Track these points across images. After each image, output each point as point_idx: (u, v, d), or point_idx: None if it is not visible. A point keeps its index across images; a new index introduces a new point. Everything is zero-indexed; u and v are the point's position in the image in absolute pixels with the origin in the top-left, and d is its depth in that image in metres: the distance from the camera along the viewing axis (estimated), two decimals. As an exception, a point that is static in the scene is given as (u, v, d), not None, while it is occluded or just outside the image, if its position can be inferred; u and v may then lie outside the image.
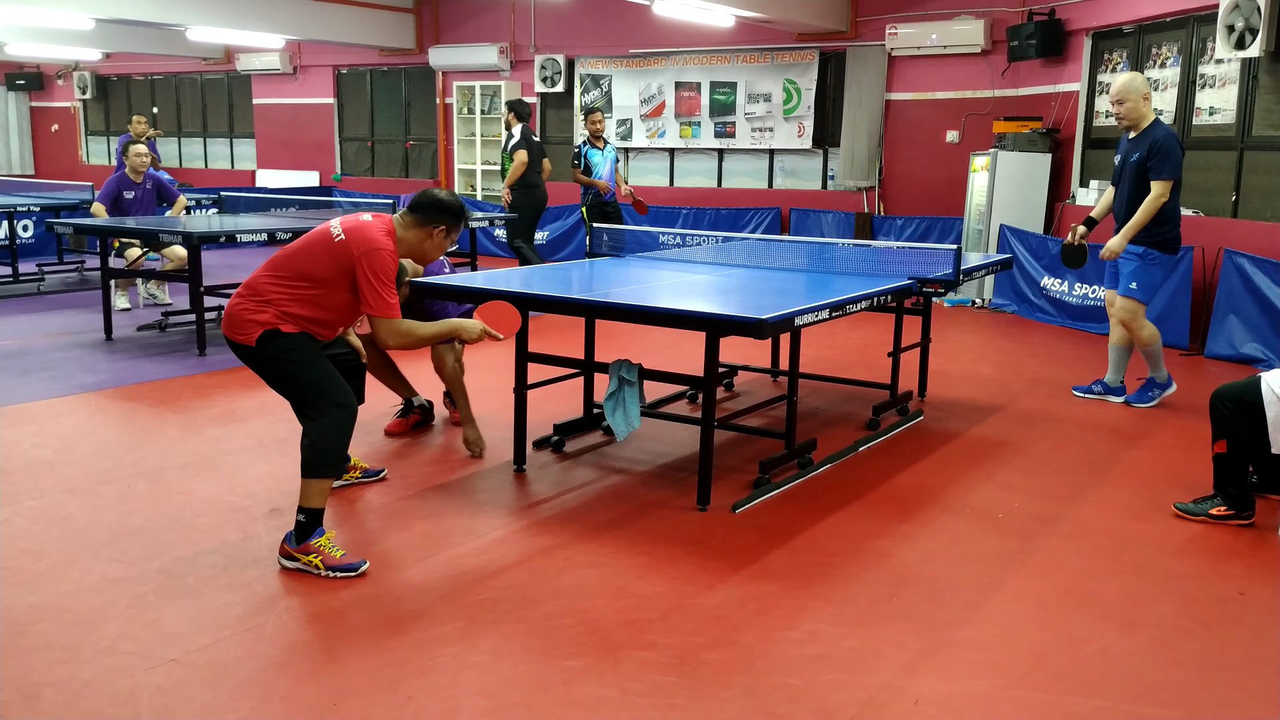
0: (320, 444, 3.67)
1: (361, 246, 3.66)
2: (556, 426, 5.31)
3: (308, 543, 3.66)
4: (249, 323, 3.70)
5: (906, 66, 11.71)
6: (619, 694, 2.91)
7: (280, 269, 3.75)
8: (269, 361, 3.74)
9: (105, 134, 18.91)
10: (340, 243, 3.69)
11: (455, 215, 3.88)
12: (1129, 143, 6.05)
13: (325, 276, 3.69)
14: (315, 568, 3.64)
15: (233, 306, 3.76)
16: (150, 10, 11.99)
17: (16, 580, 3.57)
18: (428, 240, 3.86)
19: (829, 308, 4.44)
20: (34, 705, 2.80)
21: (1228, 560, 3.99)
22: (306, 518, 3.67)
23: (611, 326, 5.16)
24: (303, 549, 3.66)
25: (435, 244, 3.88)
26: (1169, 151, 5.83)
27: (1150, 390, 6.30)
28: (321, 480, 3.68)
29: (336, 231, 3.72)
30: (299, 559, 3.66)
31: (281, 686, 2.92)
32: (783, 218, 12.41)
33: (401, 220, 3.86)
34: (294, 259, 3.75)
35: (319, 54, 15.79)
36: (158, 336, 7.92)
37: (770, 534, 4.12)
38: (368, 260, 3.65)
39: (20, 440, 5.27)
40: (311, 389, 3.73)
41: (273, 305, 3.70)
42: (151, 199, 9.06)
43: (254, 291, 3.74)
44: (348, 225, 3.74)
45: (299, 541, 3.67)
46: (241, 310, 3.73)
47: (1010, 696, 2.96)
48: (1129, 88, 5.94)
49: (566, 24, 13.67)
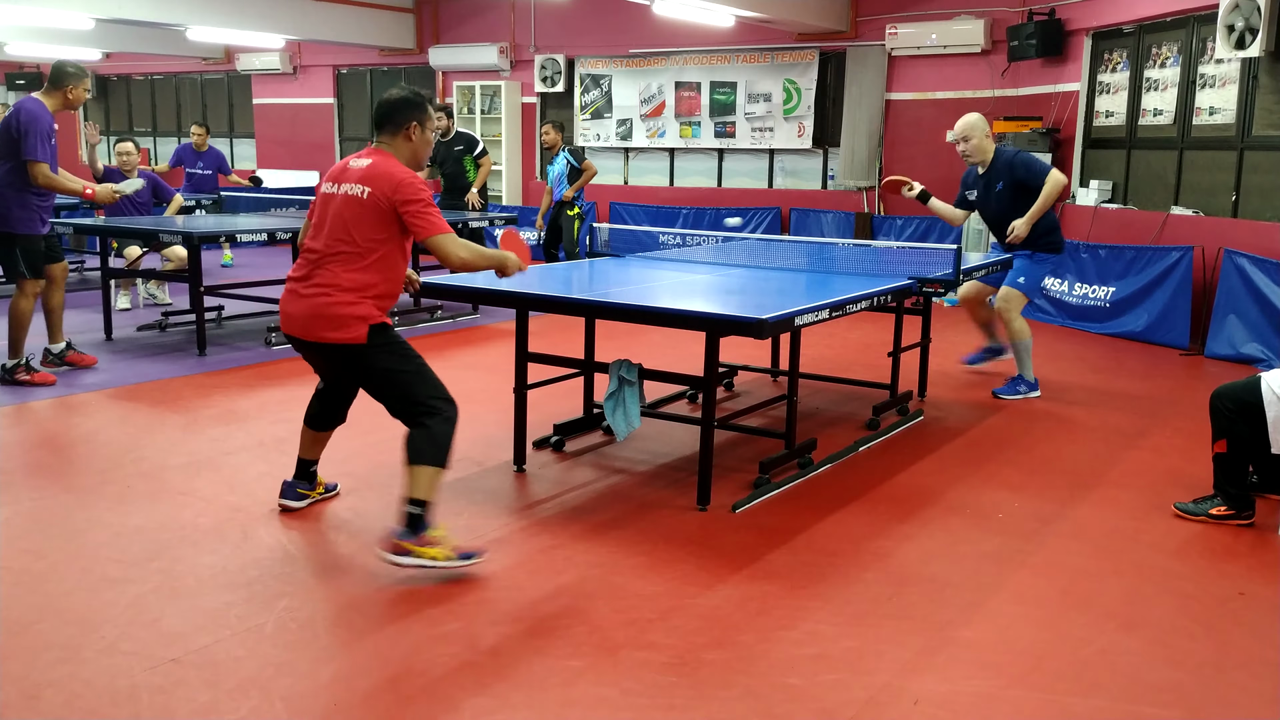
0: (441, 434, 3.64)
1: (391, 184, 3.66)
2: (556, 426, 5.31)
3: (424, 534, 3.56)
4: (352, 319, 3.65)
5: (906, 66, 11.71)
6: (619, 694, 2.91)
7: (349, 250, 3.69)
8: (380, 356, 3.70)
9: (105, 134, 18.89)
10: (371, 196, 3.67)
11: (417, 104, 3.84)
12: (982, 176, 6.43)
13: (387, 234, 3.70)
14: (436, 561, 3.54)
15: (322, 305, 3.68)
16: (150, 10, 11.99)
17: (16, 580, 3.57)
18: (410, 143, 3.85)
19: (829, 308, 4.44)
20: (34, 705, 2.80)
21: (1228, 560, 3.99)
22: (420, 509, 3.57)
23: (611, 326, 5.16)
24: (421, 541, 3.54)
25: (421, 141, 3.87)
26: (1032, 159, 6.35)
27: (1018, 385, 6.47)
28: (436, 469, 3.62)
29: (356, 190, 3.70)
30: (417, 553, 3.52)
31: (281, 687, 2.92)
32: (783, 218, 12.42)
33: (381, 144, 3.85)
34: (353, 233, 3.69)
35: (319, 54, 15.79)
36: (158, 336, 7.92)
37: (770, 534, 4.12)
38: (405, 193, 3.66)
39: (20, 440, 5.27)
40: (426, 381, 3.72)
41: (367, 294, 3.67)
42: (146, 196, 9.05)
43: (341, 284, 3.68)
44: (360, 176, 3.73)
45: (414, 534, 3.55)
46: (337, 306, 3.66)
47: (1010, 696, 2.96)
48: (973, 127, 6.35)
49: (566, 24, 13.67)
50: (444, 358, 7.44)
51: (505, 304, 4.76)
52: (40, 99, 6.22)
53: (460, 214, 9.54)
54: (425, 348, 8.24)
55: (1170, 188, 9.02)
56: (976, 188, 6.47)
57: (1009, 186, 6.28)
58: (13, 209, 6.19)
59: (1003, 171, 6.31)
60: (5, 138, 6.11)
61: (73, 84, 6.33)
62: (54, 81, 6.29)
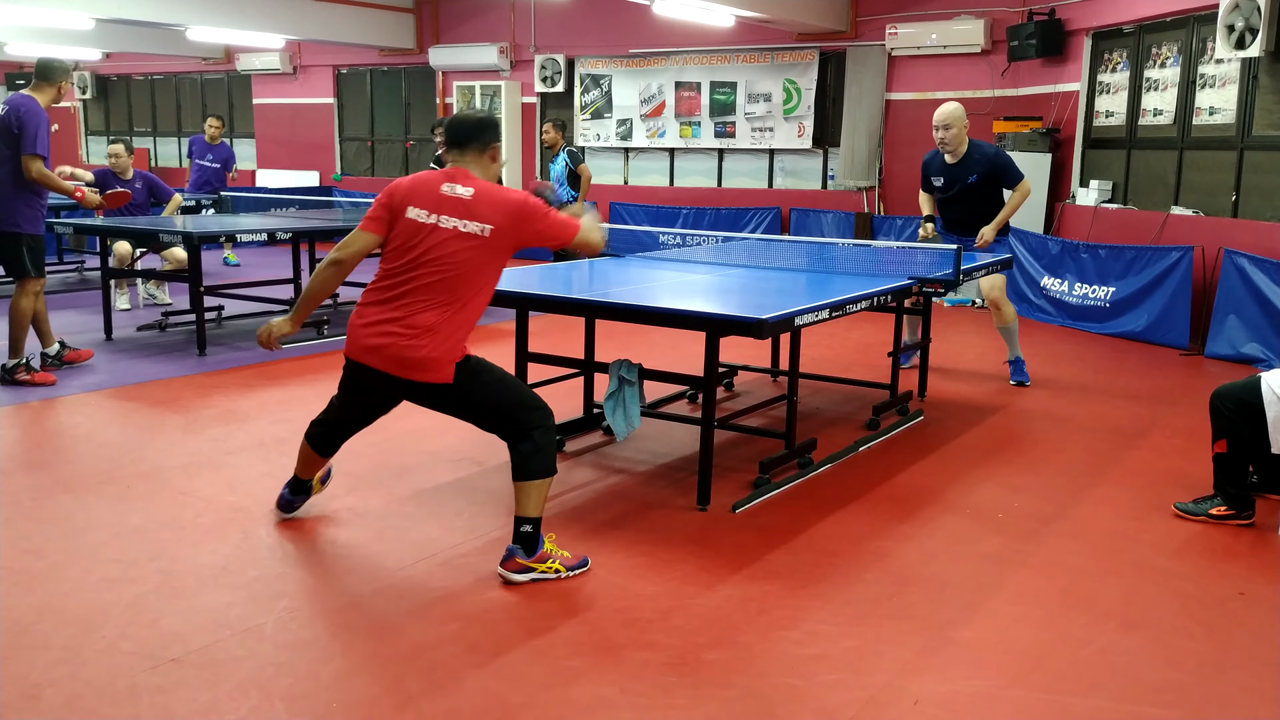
0: (546, 444, 3.62)
1: (515, 214, 3.58)
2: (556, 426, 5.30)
3: (541, 550, 3.61)
4: (437, 362, 3.54)
5: (906, 66, 11.71)
6: (619, 694, 2.91)
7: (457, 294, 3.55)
8: (471, 388, 3.62)
9: (105, 134, 18.90)
10: (495, 234, 3.55)
11: (495, 125, 3.82)
12: (952, 167, 6.60)
13: (498, 271, 3.67)
14: (556, 572, 3.62)
15: (411, 348, 3.52)
16: (150, 10, 11.99)
17: (16, 580, 3.57)
18: (495, 164, 3.76)
19: (829, 308, 4.44)
20: (34, 705, 2.80)
21: (1228, 560, 3.99)
22: (533, 527, 3.60)
23: (611, 326, 5.16)
24: (539, 558, 3.60)
25: (499, 163, 3.80)
26: (1009, 162, 6.56)
27: (1021, 368, 6.75)
28: (545, 481, 3.62)
29: (473, 229, 3.54)
30: (536, 569, 3.60)
31: (281, 687, 2.92)
32: (783, 218, 12.42)
33: (466, 164, 3.69)
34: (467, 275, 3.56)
35: (319, 54, 15.79)
36: (158, 337, 7.92)
37: (770, 534, 4.12)
38: (525, 213, 3.61)
39: (20, 440, 5.27)
40: (522, 395, 3.67)
41: (453, 338, 3.57)
42: (143, 197, 9.07)
43: (439, 330, 3.53)
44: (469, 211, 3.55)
45: (533, 552, 3.60)
46: (431, 349, 3.53)
47: (1010, 696, 2.96)
48: (953, 115, 6.47)
49: (566, 24, 13.67)
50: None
51: (505, 304, 4.75)
52: (33, 95, 6.25)
53: None
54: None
55: (1170, 188, 9.02)
56: (943, 175, 6.65)
57: (984, 180, 6.50)
58: (20, 207, 6.24)
59: (979, 165, 6.52)
60: (7, 136, 6.13)
61: (63, 78, 6.40)
62: (45, 76, 6.33)
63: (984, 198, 6.57)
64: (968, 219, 6.68)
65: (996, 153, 6.59)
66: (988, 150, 6.59)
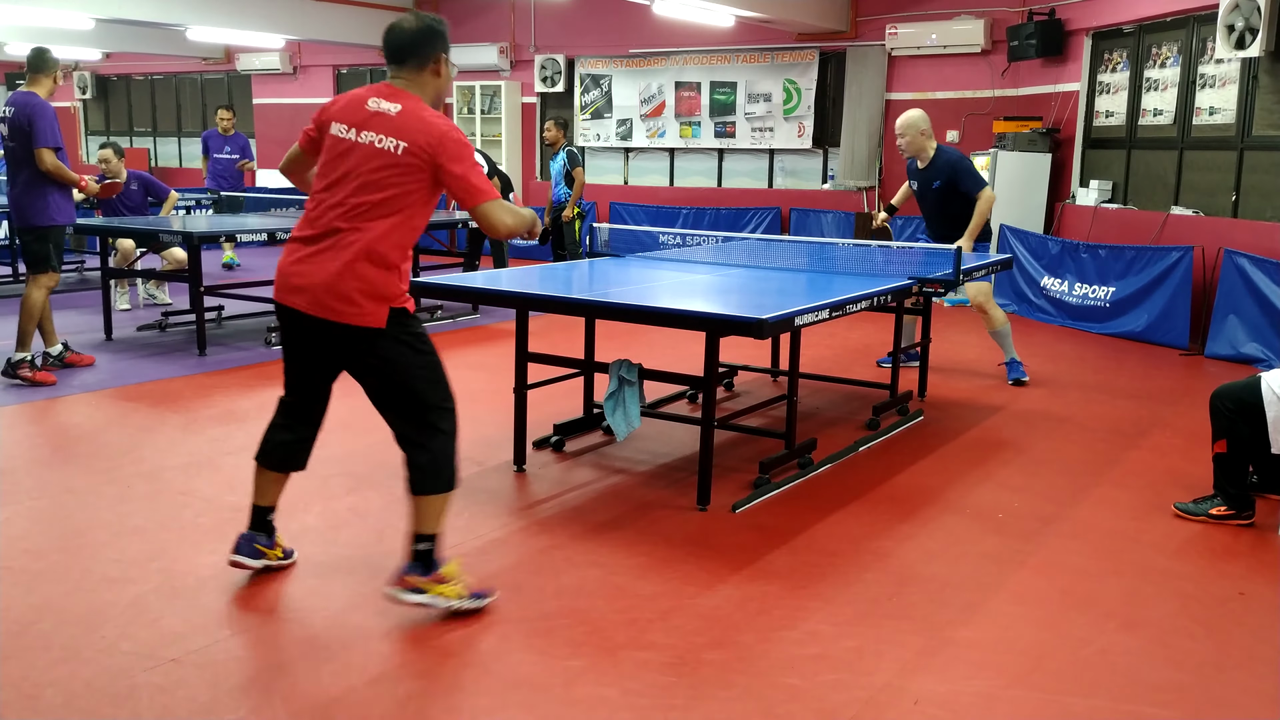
0: (444, 455, 3.30)
1: (433, 138, 3.16)
2: (556, 426, 5.31)
3: (439, 572, 3.28)
4: (373, 297, 3.16)
5: (906, 66, 11.71)
6: (619, 694, 2.91)
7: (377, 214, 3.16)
8: (397, 348, 3.23)
9: (105, 133, 18.89)
10: (408, 152, 3.16)
11: (441, 33, 3.33)
12: (921, 171, 6.80)
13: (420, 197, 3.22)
14: (454, 598, 3.28)
15: (338, 276, 3.14)
16: (150, 10, 11.99)
17: (16, 580, 3.57)
18: (437, 79, 3.35)
19: (829, 308, 4.44)
20: (34, 705, 2.80)
21: (1228, 560, 3.99)
22: (431, 544, 3.29)
23: (611, 326, 5.16)
24: (435, 579, 3.27)
25: (446, 75, 3.36)
26: (968, 170, 6.68)
27: (1018, 367, 6.82)
28: (444, 496, 3.31)
29: (388, 145, 3.16)
30: (429, 590, 3.26)
31: (281, 687, 2.92)
32: (783, 218, 12.42)
33: (402, 81, 3.31)
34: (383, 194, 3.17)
35: (319, 54, 15.78)
36: (157, 337, 7.92)
37: (770, 534, 4.12)
38: (449, 151, 3.17)
39: (20, 440, 5.27)
40: (442, 384, 3.31)
41: (393, 268, 3.18)
42: (140, 198, 9.08)
43: (365, 252, 3.16)
44: (390, 127, 3.18)
45: (430, 570, 3.28)
46: (358, 280, 3.14)
47: (1010, 696, 2.96)
48: (908, 123, 6.71)
49: (566, 24, 13.67)
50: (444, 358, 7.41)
51: (505, 304, 4.76)
52: (33, 90, 6.31)
53: None
54: (425, 348, 8.16)
55: (1170, 188, 9.02)
56: (916, 180, 6.88)
57: (946, 186, 6.66)
58: (51, 198, 6.39)
59: (943, 170, 6.68)
60: (20, 135, 6.22)
61: (56, 67, 6.49)
62: (40, 67, 6.40)
63: (951, 202, 6.68)
64: (939, 223, 6.82)
65: (957, 159, 6.73)
66: (950, 156, 6.74)
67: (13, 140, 6.31)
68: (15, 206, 6.41)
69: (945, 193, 6.68)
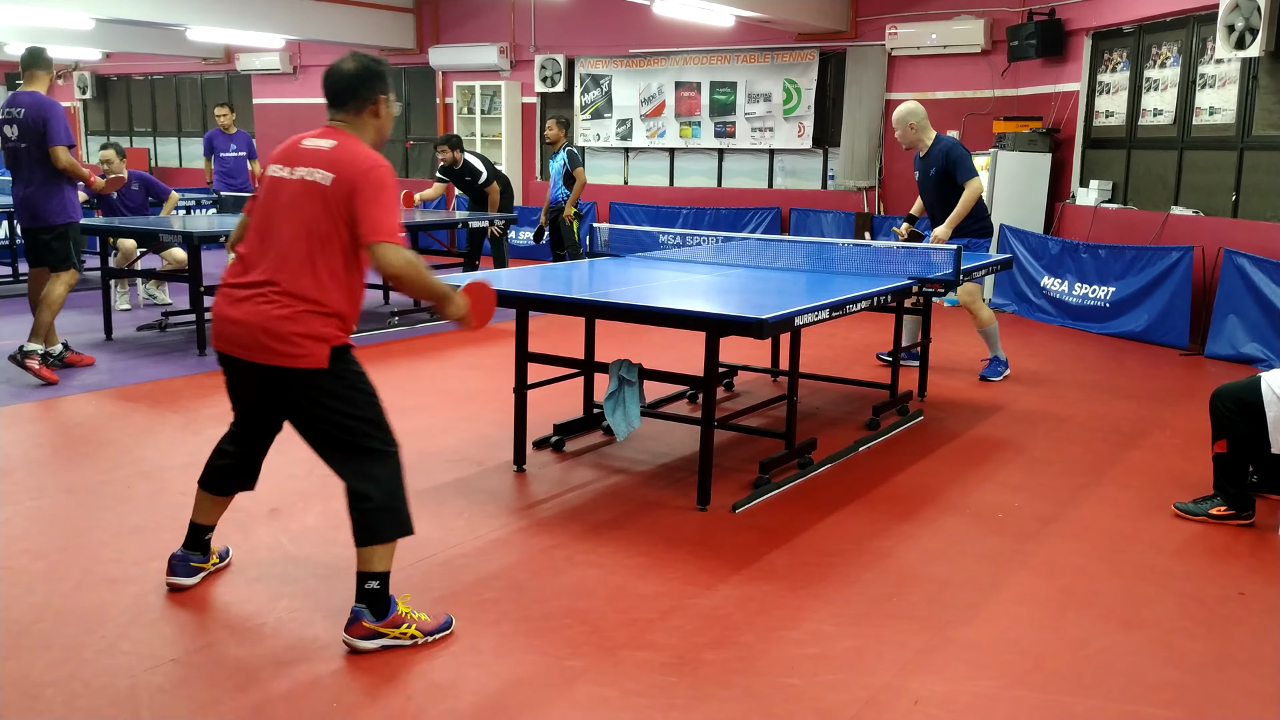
0: (394, 496, 3.14)
1: (357, 168, 3.07)
2: (557, 426, 5.31)
3: (395, 614, 3.14)
4: (308, 338, 3.04)
5: (906, 66, 11.71)
6: (619, 694, 2.91)
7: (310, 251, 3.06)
8: (336, 387, 3.09)
9: (105, 133, 18.90)
10: (336, 183, 3.06)
11: (379, 75, 3.27)
12: (921, 160, 6.91)
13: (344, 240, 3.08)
14: (412, 638, 3.15)
15: (271, 318, 3.04)
16: (150, 10, 11.99)
17: (16, 580, 3.57)
18: (376, 120, 3.29)
19: (829, 308, 4.44)
20: (34, 705, 2.80)
21: (1228, 560, 3.99)
22: (380, 584, 3.12)
23: (611, 326, 5.16)
24: (391, 623, 3.13)
25: (387, 115, 3.30)
26: (961, 158, 6.72)
27: (997, 366, 6.95)
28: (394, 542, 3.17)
29: (318, 176, 3.08)
30: (387, 634, 3.12)
31: (282, 686, 2.92)
32: (783, 218, 12.42)
33: (340, 122, 3.24)
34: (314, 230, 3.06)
35: (319, 54, 15.77)
36: (157, 337, 7.92)
37: (770, 534, 4.12)
38: (369, 179, 3.06)
39: (20, 440, 5.27)
40: (381, 424, 3.15)
41: (328, 308, 3.08)
42: (140, 198, 9.08)
43: (297, 291, 3.05)
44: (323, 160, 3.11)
45: (383, 616, 3.13)
46: (291, 320, 3.03)
47: (1010, 696, 2.96)
48: (898, 117, 6.87)
49: (566, 24, 13.67)
50: (444, 358, 7.44)
51: (505, 304, 4.74)
52: (35, 89, 6.36)
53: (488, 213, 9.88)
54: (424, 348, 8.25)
55: (1170, 188, 9.02)
56: (917, 170, 6.98)
57: (941, 174, 6.75)
58: (67, 195, 6.47)
59: (937, 159, 6.77)
60: (34, 135, 6.26)
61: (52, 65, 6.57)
62: (39, 64, 6.48)
63: (946, 191, 6.75)
64: (939, 211, 6.87)
65: (950, 147, 6.78)
66: (945, 144, 6.81)
67: (24, 140, 6.33)
68: (28, 207, 6.42)
69: (940, 181, 6.77)
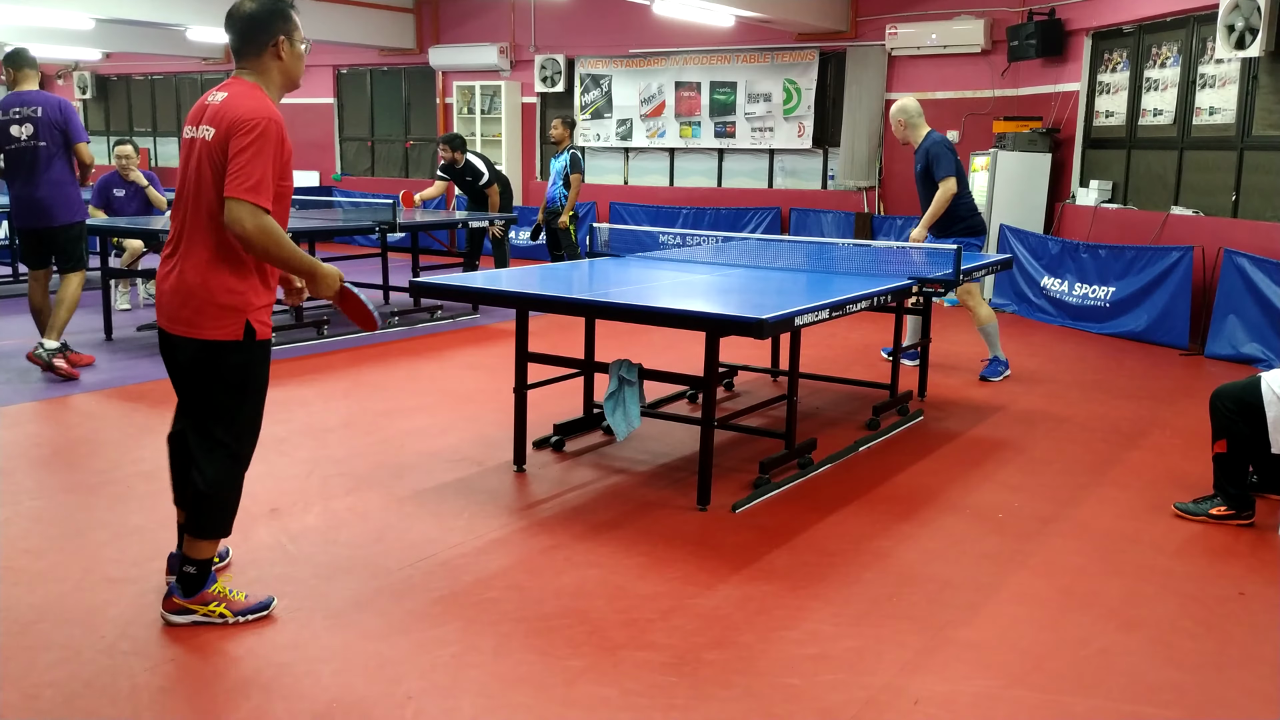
0: (225, 490, 3.20)
1: (235, 116, 2.96)
2: (556, 426, 5.31)
3: (204, 592, 3.24)
4: (218, 309, 3.04)
5: (906, 66, 11.71)
6: (619, 694, 2.91)
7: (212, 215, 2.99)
8: (235, 369, 3.14)
9: (105, 133, 18.90)
10: (216, 138, 2.98)
11: (279, 12, 3.13)
12: (916, 156, 6.93)
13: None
14: (220, 616, 3.23)
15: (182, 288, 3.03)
16: (150, 10, 12.00)
17: (17, 580, 3.57)
18: (280, 63, 3.17)
19: (829, 308, 4.44)
20: (34, 705, 2.80)
21: (1228, 560, 3.99)
22: (197, 569, 3.22)
23: (611, 326, 5.17)
24: (199, 599, 3.23)
25: (292, 55, 3.18)
26: (939, 156, 6.70)
27: (997, 366, 6.92)
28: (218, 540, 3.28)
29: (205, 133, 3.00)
30: (195, 610, 3.23)
31: (282, 687, 2.92)
32: (783, 218, 12.42)
33: (244, 70, 3.14)
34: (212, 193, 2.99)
35: (319, 54, 15.76)
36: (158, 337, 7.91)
37: (770, 534, 4.12)
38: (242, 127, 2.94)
39: (20, 440, 5.27)
40: (251, 421, 3.25)
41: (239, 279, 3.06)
42: (141, 196, 9.09)
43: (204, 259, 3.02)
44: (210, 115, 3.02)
45: (192, 593, 3.23)
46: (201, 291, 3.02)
47: (1010, 696, 2.96)
48: (892, 114, 6.92)
49: (566, 24, 13.67)
50: (444, 358, 7.44)
51: (505, 304, 4.76)
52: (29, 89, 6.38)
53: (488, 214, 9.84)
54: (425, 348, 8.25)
55: (1170, 188, 9.02)
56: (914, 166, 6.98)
57: (924, 169, 6.80)
58: (75, 195, 6.53)
59: (922, 155, 6.81)
60: (53, 133, 6.26)
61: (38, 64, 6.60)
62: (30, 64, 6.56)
63: (927, 188, 6.79)
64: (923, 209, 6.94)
65: (932, 144, 6.77)
66: (929, 140, 6.81)
67: (42, 139, 6.32)
68: (43, 207, 6.40)
69: (924, 177, 6.82)
